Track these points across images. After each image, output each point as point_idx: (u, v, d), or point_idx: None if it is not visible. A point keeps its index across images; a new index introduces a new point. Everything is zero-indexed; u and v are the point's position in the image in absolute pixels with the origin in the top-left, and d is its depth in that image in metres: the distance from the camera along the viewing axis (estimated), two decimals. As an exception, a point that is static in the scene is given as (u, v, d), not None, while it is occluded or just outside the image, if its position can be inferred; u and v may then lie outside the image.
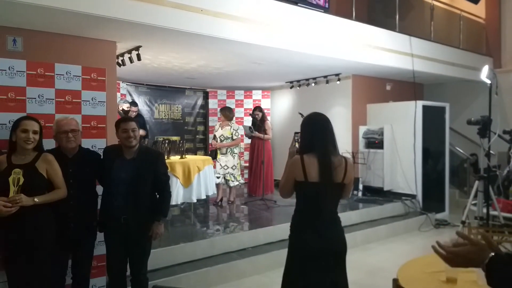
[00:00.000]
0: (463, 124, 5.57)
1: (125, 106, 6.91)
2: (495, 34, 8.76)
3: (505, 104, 7.92)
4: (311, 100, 8.61)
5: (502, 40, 8.71)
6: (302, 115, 6.57)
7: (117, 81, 6.81)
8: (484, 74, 4.16)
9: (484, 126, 4.40)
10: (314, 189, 2.46)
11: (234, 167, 6.74)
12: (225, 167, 6.70)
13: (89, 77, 3.64)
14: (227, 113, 6.81)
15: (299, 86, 8.86)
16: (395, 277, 2.26)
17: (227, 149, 6.67)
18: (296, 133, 6.13)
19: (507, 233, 4.05)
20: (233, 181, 6.76)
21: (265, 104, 9.84)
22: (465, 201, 5.36)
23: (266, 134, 7.44)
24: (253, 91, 9.83)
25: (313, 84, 8.49)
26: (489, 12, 8.86)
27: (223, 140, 6.65)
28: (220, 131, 6.70)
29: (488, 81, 4.21)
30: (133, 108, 7.09)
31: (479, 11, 8.82)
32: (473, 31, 8.67)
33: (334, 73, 7.74)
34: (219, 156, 6.74)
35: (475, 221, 5.16)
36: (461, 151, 8.52)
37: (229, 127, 6.69)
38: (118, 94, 7.54)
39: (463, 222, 5.11)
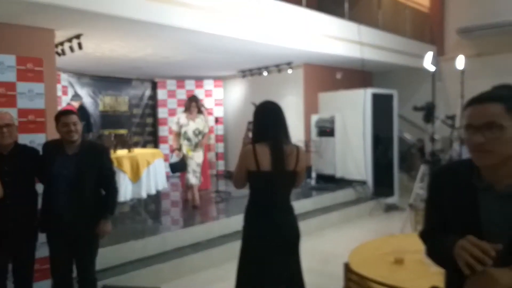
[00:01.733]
0: (410, 110, 5.75)
1: (77, 104, 6.54)
2: (438, 23, 9.11)
3: (448, 90, 8.28)
4: (264, 90, 8.58)
5: (445, 28, 9.08)
6: (255, 105, 6.48)
7: (58, 72, 6.43)
8: (427, 61, 4.29)
9: (429, 112, 4.56)
10: (267, 178, 2.44)
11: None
12: (202, 165, 6.03)
13: (24, 67, 3.42)
14: (198, 104, 6.02)
15: (252, 75, 8.80)
16: (346, 262, 2.27)
17: (199, 143, 5.90)
18: (249, 122, 5.92)
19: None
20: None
21: (217, 93, 9.71)
22: (413, 185, 5.55)
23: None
24: (205, 81, 9.65)
25: (265, 73, 8.46)
26: (432, 2, 9.20)
27: (198, 135, 5.85)
28: (192, 124, 5.81)
29: (432, 68, 4.35)
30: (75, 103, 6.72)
31: (423, 0, 9.13)
32: (418, 20, 8.97)
33: (286, 62, 7.75)
34: (190, 153, 5.81)
35: (421, 203, 5.37)
36: (409, 136, 8.85)
37: (200, 119, 5.93)
38: (59, 86, 7.13)
39: (410, 205, 5.29)
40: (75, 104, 6.55)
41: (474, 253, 1.17)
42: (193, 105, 5.88)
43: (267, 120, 2.53)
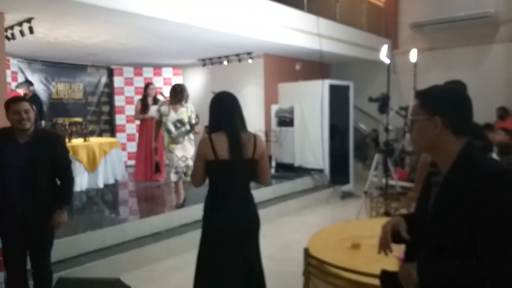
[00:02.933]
0: (365, 101, 5.94)
1: (22, 91, 6.20)
2: (392, 17, 9.40)
3: (401, 82, 8.59)
4: (224, 79, 8.54)
5: (399, 22, 9.39)
6: (215, 94, 6.46)
7: (7, 57, 6.11)
8: (383, 54, 4.44)
9: (383, 103, 4.74)
10: (225, 166, 2.45)
11: (194, 157, 5.35)
12: (184, 159, 5.22)
13: (-31, 51, 3.20)
14: (184, 93, 5.24)
15: (212, 64, 8.74)
16: (305, 247, 2.34)
17: (184, 136, 5.23)
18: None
19: (403, 200, 4.46)
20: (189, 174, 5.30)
21: (176, 82, 9.54)
22: (368, 173, 5.77)
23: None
24: (163, 68, 9.47)
25: (225, 63, 8.43)
26: (387, -4, 9.48)
27: (180, 127, 5.17)
28: (173, 115, 5.13)
29: (387, 61, 4.51)
30: (30, 88, 6.39)
31: (379, -6, 9.39)
32: (373, 13, 9.21)
33: (246, 51, 7.75)
34: (171, 146, 5.19)
35: (375, 190, 5.60)
36: (364, 127, 9.13)
37: (185, 108, 5.20)
38: (8, 72, 6.77)
39: (365, 193, 5.50)
40: (21, 91, 6.21)
41: (381, 237, 1.54)
42: (178, 95, 5.16)
43: (223, 109, 2.54)
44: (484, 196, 1.25)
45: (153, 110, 6.56)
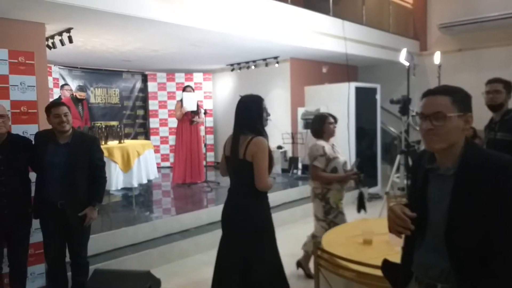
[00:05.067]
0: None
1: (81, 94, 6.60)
2: (421, 19, 9.32)
3: (430, 84, 8.49)
4: (252, 83, 8.75)
5: (428, 24, 9.30)
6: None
7: (49, 65, 6.54)
8: (402, 56, 4.49)
9: (404, 105, 4.77)
10: (227, 162, 2.78)
11: None
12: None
13: (16, 61, 3.53)
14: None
15: (240, 68, 8.95)
16: (316, 241, 2.46)
17: None
18: None
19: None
20: None
21: (206, 86, 9.85)
22: (395, 175, 5.78)
23: (199, 117, 7.25)
24: (194, 74, 9.79)
25: (253, 67, 8.62)
26: (416, -3, 9.41)
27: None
28: (342, 158, 4.08)
29: (406, 63, 4.55)
30: (81, 94, 6.73)
31: (407, -4, 9.34)
32: (401, 15, 9.17)
33: (273, 56, 7.91)
34: (341, 205, 4.16)
35: (398, 191, 5.62)
36: (392, 129, 9.09)
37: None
38: (50, 78, 7.23)
39: (386, 193, 5.52)
40: (83, 94, 6.62)
41: (394, 221, 1.52)
42: (329, 121, 3.82)
43: (235, 113, 2.79)
44: (504, 185, 1.34)
45: (188, 105, 7.00)
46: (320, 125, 3.77)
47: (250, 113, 2.71)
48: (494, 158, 1.42)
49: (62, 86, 7.14)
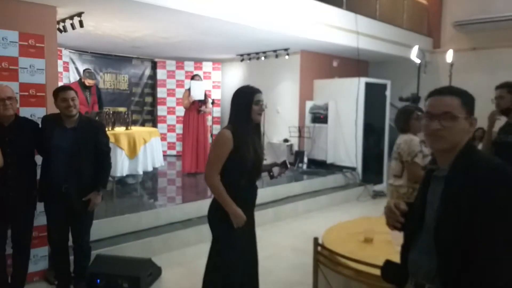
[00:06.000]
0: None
1: (92, 81, 6.60)
2: (436, 16, 9.19)
3: (441, 82, 8.39)
4: (261, 74, 8.72)
5: (442, 21, 9.16)
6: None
7: (59, 48, 6.54)
8: (414, 53, 4.43)
9: (414, 103, 4.72)
10: None
11: None
12: None
13: (26, 43, 3.54)
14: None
15: (250, 59, 8.92)
16: (315, 237, 2.44)
17: None
18: None
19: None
20: None
21: (215, 76, 9.83)
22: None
23: (206, 107, 7.23)
24: (203, 63, 9.76)
25: (263, 58, 8.58)
26: (431, -6, 9.27)
27: None
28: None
29: (417, 60, 4.49)
30: (90, 81, 6.65)
31: (422, -8, 9.20)
32: (416, 11, 9.04)
33: (283, 47, 7.86)
34: None
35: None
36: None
37: None
38: (60, 62, 7.25)
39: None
40: (91, 82, 6.61)
41: (388, 214, 1.62)
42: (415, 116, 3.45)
43: None
44: (483, 191, 1.31)
45: (196, 93, 6.95)
46: (405, 121, 3.44)
47: (232, 105, 2.66)
48: (482, 161, 1.41)
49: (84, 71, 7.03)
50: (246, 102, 2.57)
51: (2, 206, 2.98)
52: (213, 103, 7.05)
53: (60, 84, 5.59)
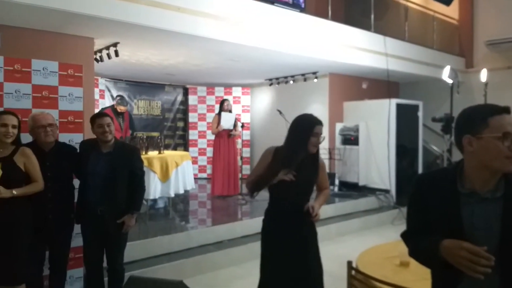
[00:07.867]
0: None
1: (124, 108, 6.82)
2: (467, 35, 9.05)
3: (476, 102, 8.12)
4: (290, 98, 8.77)
5: (474, 40, 9.01)
6: (280, 112, 6.74)
7: (95, 77, 6.83)
8: (445, 74, 4.37)
9: (447, 123, 4.62)
10: None
11: None
12: None
13: (66, 73, 3.69)
14: None
15: (278, 83, 9.01)
16: (349, 260, 2.39)
17: None
18: None
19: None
20: None
21: (245, 100, 9.97)
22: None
23: (236, 130, 7.34)
24: (233, 88, 9.94)
25: (291, 82, 8.65)
26: (462, 13, 9.15)
27: None
28: None
29: (449, 81, 4.42)
30: (122, 108, 6.81)
31: (452, 12, 9.09)
32: (446, 31, 8.94)
33: (312, 71, 7.91)
34: None
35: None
36: (435, 147, 8.80)
37: None
38: (97, 90, 7.55)
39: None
40: (123, 108, 6.84)
41: (474, 260, 1.29)
42: None
43: None
44: None
45: (225, 123, 7.06)
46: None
47: (290, 131, 2.67)
48: None
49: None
50: (304, 130, 2.55)
51: (41, 229, 3.06)
52: (242, 126, 7.14)
53: (96, 111, 5.81)
